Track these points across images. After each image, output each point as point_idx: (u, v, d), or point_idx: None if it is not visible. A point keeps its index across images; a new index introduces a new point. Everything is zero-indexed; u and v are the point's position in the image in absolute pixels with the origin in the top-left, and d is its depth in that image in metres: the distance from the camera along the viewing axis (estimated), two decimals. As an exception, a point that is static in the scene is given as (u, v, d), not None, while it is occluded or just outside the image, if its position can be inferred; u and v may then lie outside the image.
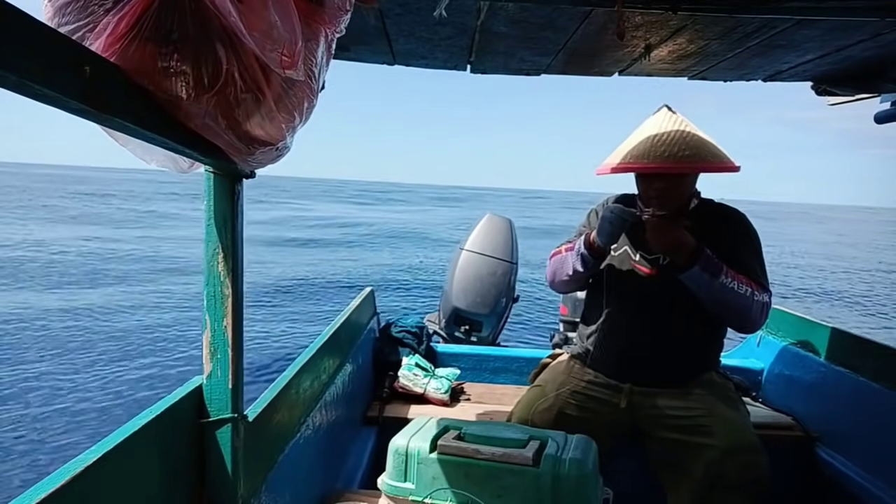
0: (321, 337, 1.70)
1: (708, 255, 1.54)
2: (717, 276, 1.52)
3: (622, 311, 1.70)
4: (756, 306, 1.55)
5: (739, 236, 1.66)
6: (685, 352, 1.64)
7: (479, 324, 3.52)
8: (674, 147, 1.56)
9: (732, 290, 1.52)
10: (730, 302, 1.53)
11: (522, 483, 1.15)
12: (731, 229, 1.67)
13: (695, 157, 1.55)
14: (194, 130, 0.70)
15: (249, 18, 0.61)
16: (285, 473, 1.27)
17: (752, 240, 1.67)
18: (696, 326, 1.63)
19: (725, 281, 1.52)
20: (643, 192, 1.71)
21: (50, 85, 0.48)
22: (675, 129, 1.60)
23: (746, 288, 1.54)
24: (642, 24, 1.42)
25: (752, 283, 1.56)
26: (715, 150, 1.58)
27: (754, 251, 1.65)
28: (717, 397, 1.58)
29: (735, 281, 1.53)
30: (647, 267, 1.68)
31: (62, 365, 5.53)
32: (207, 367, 0.97)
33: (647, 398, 1.63)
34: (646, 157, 1.57)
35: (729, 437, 1.45)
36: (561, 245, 1.87)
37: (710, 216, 1.69)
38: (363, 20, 1.45)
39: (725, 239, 1.64)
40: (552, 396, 1.68)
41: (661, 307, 1.63)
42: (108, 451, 0.76)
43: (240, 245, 0.98)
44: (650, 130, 1.63)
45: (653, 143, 1.59)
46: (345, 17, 0.85)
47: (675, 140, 1.57)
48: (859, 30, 1.42)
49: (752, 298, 1.54)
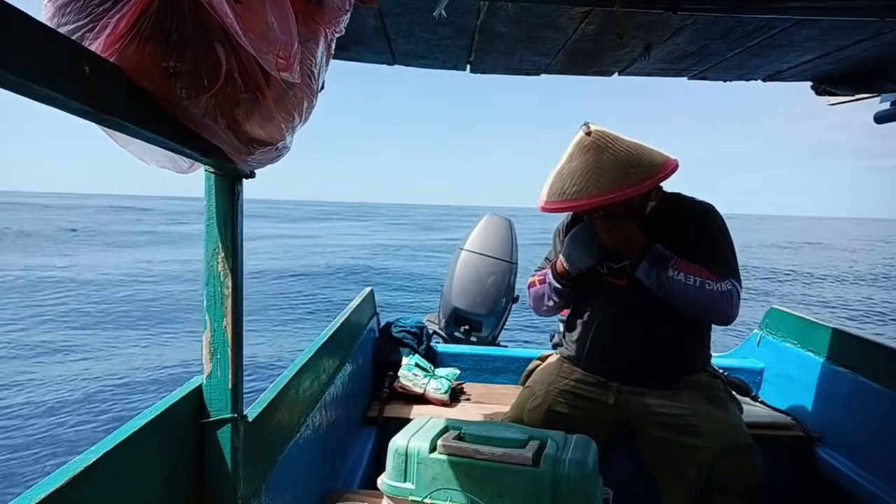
0: (321, 337, 1.70)
1: (657, 249, 1.55)
2: (665, 269, 1.53)
3: (603, 320, 1.71)
4: (711, 296, 1.52)
5: (700, 227, 1.65)
6: (669, 354, 1.64)
7: (479, 324, 3.52)
8: (588, 180, 1.50)
9: (680, 281, 1.52)
10: (678, 294, 1.53)
11: (522, 483, 1.15)
12: (692, 222, 1.65)
13: (608, 183, 1.48)
14: (194, 130, 0.70)
15: (246, 20, 0.61)
16: (285, 473, 1.27)
17: (713, 229, 1.64)
18: (677, 329, 1.63)
19: (672, 273, 1.53)
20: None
21: (50, 85, 0.48)
22: (587, 158, 1.53)
23: (696, 278, 1.52)
24: (642, 23, 1.42)
25: (705, 272, 1.54)
26: (630, 171, 1.49)
27: (713, 241, 1.63)
28: (705, 397, 1.58)
29: (682, 272, 1.53)
30: (619, 279, 1.68)
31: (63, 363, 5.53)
32: (207, 367, 0.97)
33: (635, 396, 1.64)
34: (559, 195, 1.54)
35: (719, 437, 1.45)
36: (534, 274, 1.89)
37: (672, 212, 1.68)
38: (363, 20, 1.45)
39: (686, 232, 1.63)
40: (541, 395, 1.69)
41: (640, 314, 1.63)
42: (108, 450, 0.76)
43: (240, 245, 0.98)
44: (565, 162, 1.58)
45: (562, 179, 1.55)
46: (344, 16, 0.85)
47: (588, 171, 1.51)
48: (859, 30, 1.42)
49: (704, 289, 1.52)
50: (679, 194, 1.73)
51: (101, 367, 5.64)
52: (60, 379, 5.24)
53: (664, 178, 1.53)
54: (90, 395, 4.94)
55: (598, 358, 1.70)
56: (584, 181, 1.51)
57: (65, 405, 4.68)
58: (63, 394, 4.92)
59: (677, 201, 1.71)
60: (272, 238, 18.38)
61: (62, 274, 11.56)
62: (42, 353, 6.08)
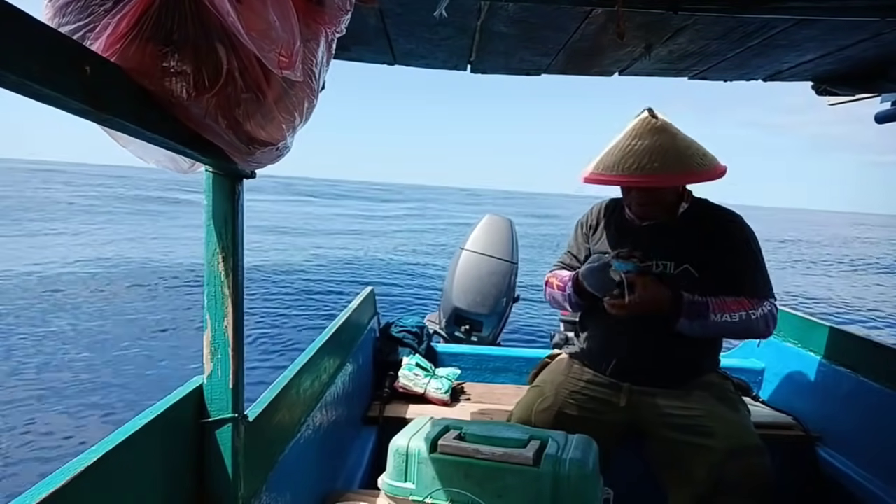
0: (321, 337, 1.70)
1: (689, 301, 1.52)
2: (706, 316, 1.51)
3: (616, 321, 1.67)
4: (755, 324, 1.53)
5: (735, 245, 1.61)
6: (682, 354, 1.63)
7: (480, 324, 3.52)
8: (643, 159, 1.52)
9: (725, 322, 1.51)
10: (726, 332, 1.56)
11: (523, 483, 1.15)
12: (725, 236, 1.62)
13: (665, 168, 1.51)
14: (194, 130, 0.70)
15: (248, 18, 0.61)
16: (285, 473, 1.27)
17: (749, 247, 1.62)
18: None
19: (715, 318, 1.51)
20: (625, 200, 1.71)
21: (50, 85, 0.48)
22: (649, 137, 1.55)
23: (739, 314, 1.52)
24: (643, 23, 1.42)
25: (745, 303, 1.53)
26: (689, 161, 1.53)
27: (752, 261, 1.61)
28: (717, 398, 1.57)
29: (725, 313, 1.51)
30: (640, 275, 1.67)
31: (61, 363, 5.54)
32: (208, 367, 0.97)
33: (647, 397, 1.63)
34: (614, 169, 1.55)
35: (730, 438, 1.45)
36: (554, 267, 1.89)
37: (703, 219, 1.65)
38: (363, 20, 1.45)
39: (719, 246, 1.61)
40: (551, 396, 1.68)
41: (652, 315, 1.59)
42: (108, 451, 0.76)
43: (240, 245, 0.98)
44: (625, 139, 1.60)
45: (624, 154, 1.55)
46: (345, 17, 0.85)
47: (646, 151, 1.53)
48: (859, 30, 1.42)
49: (750, 319, 1.52)
50: (707, 200, 1.71)
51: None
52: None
53: (721, 174, 1.56)
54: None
55: (610, 359, 1.69)
56: (647, 159, 1.52)
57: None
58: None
59: (705, 207, 1.69)
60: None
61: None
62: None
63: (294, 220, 22.71)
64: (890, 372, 1.76)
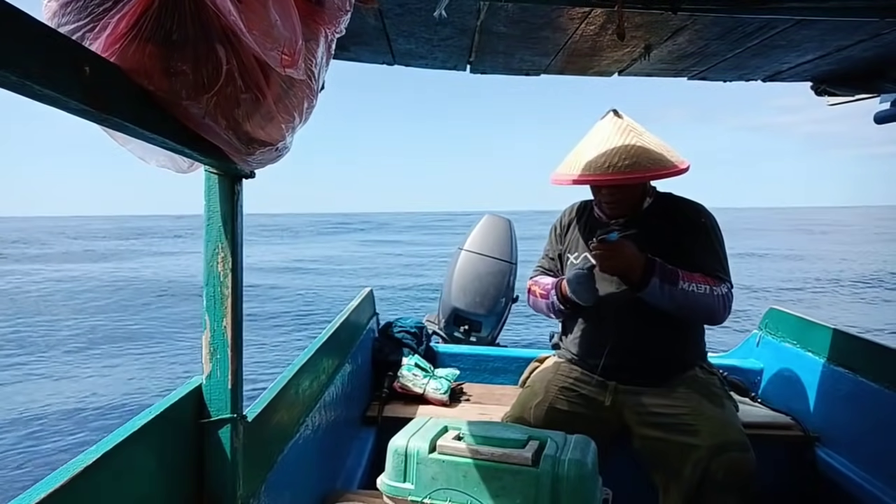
0: (320, 337, 1.70)
1: (661, 264, 1.57)
2: (676, 282, 1.55)
3: (600, 318, 1.72)
4: (717, 301, 1.58)
5: (695, 229, 1.69)
6: (665, 351, 1.66)
7: (479, 324, 3.52)
8: (614, 157, 1.59)
9: (693, 292, 1.55)
10: (693, 304, 1.57)
11: (521, 483, 1.15)
12: (686, 222, 1.70)
13: (636, 166, 1.58)
14: (194, 130, 0.70)
15: (249, 17, 0.61)
16: (285, 473, 1.27)
17: (708, 231, 1.69)
18: (673, 325, 1.65)
19: (684, 285, 1.55)
20: (594, 198, 1.78)
21: (50, 85, 0.48)
22: (618, 137, 1.63)
23: (704, 286, 1.57)
24: (642, 24, 1.42)
25: (709, 279, 1.59)
26: (658, 156, 1.60)
27: (709, 243, 1.68)
28: (701, 395, 1.59)
29: (692, 283, 1.56)
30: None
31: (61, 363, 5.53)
32: (207, 367, 0.96)
33: (632, 396, 1.64)
34: (588, 169, 1.62)
35: (714, 435, 1.46)
36: (533, 278, 1.93)
37: (666, 211, 1.73)
38: (363, 20, 1.45)
39: (680, 232, 1.67)
40: (542, 392, 1.70)
41: (636, 311, 1.65)
42: (107, 450, 0.76)
43: (240, 245, 0.98)
44: (594, 140, 1.67)
45: (595, 154, 1.62)
46: (345, 17, 0.85)
47: (617, 150, 1.60)
48: (859, 30, 1.42)
49: (713, 294, 1.58)
50: (671, 194, 1.78)
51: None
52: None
53: (686, 170, 1.62)
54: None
55: (595, 357, 1.71)
56: (617, 157, 1.58)
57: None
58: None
59: (670, 200, 1.76)
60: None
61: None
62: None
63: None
64: (889, 372, 1.76)
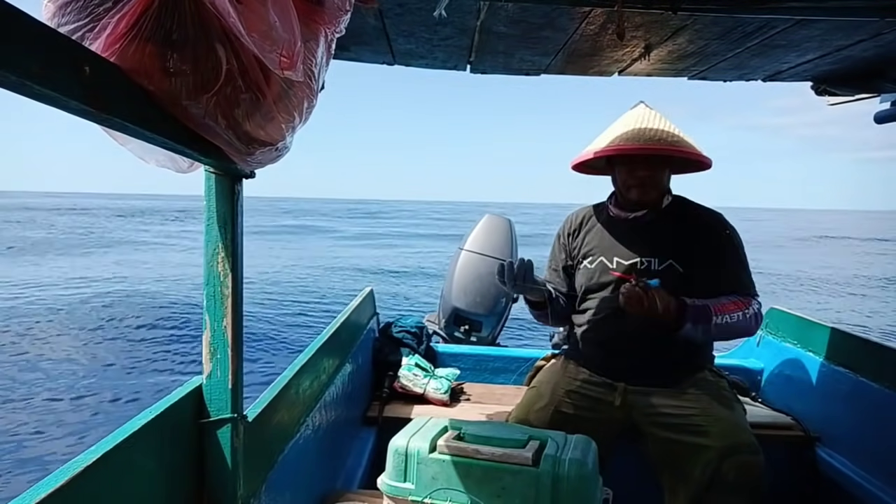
0: (321, 337, 1.70)
1: (693, 307, 1.52)
2: (709, 320, 1.52)
3: (610, 316, 1.70)
4: (749, 322, 1.57)
5: (721, 243, 1.66)
6: (675, 352, 1.64)
7: (479, 324, 3.52)
8: (661, 133, 1.61)
9: (727, 324, 1.53)
10: (727, 334, 1.58)
11: (522, 483, 1.15)
12: (707, 231, 1.67)
13: (681, 142, 1.61)
14: (194, 130, 0.70)
15: (248, 19, 0.61)
16: (285, 473, 1.27)
17: (735, 245, 1.67)
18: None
19: (718, 320, 1.53)
20: (623, 181, 1.70)
21: (50, 85, 0.48)
22: (654, 120, 1.65)
23: (738, 313, 1.55)
24: (642, 24, 1.42)
25: (741, 303, 1.57)
26: (691, 143, 1.64)
27: (738, 258, 1.66)
28: (711, 397, 1.58)
29: (725, 314, 1.54)
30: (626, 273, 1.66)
31: (62, 363, 5.53)
32: (207, 367, 0.97)
33: (642, 397, 1.63)
34: (636, 140, 1.61)
35: (724, 437, 1.45)
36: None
37: (685, 215, 1.71)
38: (363, 20, 1.45)
39: (704, 243, 1.65)
40: (548, 395, 1.69)
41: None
42: (107, 451, 0.76)
43: (240, 245, 0.98)
44: (628, 120, 1.68)
45: (640, 128, 1.63)
46: (344, 17, 0.85)
47: (661, 127, 1.63)
48: (859, 30, 1.42)
49: (746, 318, 1.56)
50: (685, 198, 1.76)
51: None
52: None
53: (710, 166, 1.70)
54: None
55: (603, 358, 1.70)
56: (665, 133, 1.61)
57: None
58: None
59: (685, 205, 1.75)
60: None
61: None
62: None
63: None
64: (889, 372, 1.76)
